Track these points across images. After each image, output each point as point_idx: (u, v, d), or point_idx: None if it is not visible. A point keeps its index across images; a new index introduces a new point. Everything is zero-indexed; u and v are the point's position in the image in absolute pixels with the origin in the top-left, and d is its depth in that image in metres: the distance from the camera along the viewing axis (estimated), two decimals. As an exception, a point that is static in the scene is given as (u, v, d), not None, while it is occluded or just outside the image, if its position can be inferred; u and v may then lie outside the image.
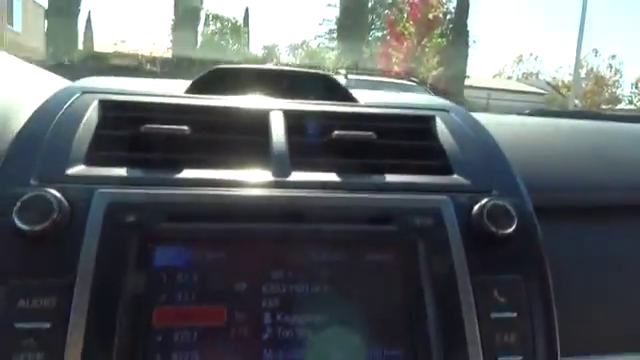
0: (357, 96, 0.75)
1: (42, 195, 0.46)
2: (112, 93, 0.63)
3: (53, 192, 0.47)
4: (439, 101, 0.76)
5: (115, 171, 0.53)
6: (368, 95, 0.75)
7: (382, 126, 0.64)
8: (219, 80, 0.75)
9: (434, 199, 0.55)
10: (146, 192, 0.50)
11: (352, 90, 0.76)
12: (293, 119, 0.63)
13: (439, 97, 0.94)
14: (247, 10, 29.92)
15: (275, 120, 0.62)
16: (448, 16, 23.52)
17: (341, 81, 0.88)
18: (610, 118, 1.25)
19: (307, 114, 0.65)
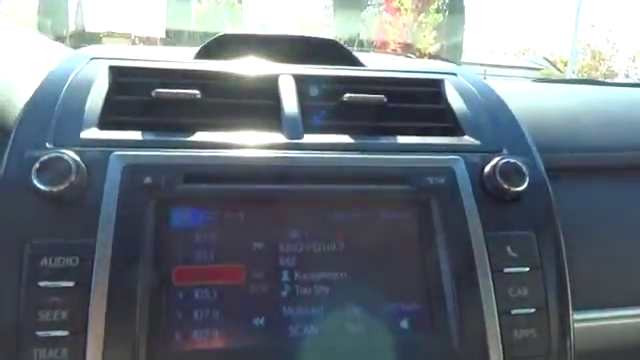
0: (365, 61, 0.74)
1: (60, 156, 0.46)
2: (121, 59, 0.63)
3: (70, 154, 0.47)
4: (448, 65, 0.76)
5: (129, 134, 0.53)
6: (376, 60, 0.75)
7: (392, 90, 0.64)
8: (225, 47, 0.75)
9: (446, 159, 0.55)
10: (162, 154, 0.51)
11: (358, 55, 0.76)
12: (303, 83, 0.63)
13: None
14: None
15: (285, 84, 0.62)
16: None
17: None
18: (612, 85, 1.25)
19: (317, 78, 0.65)
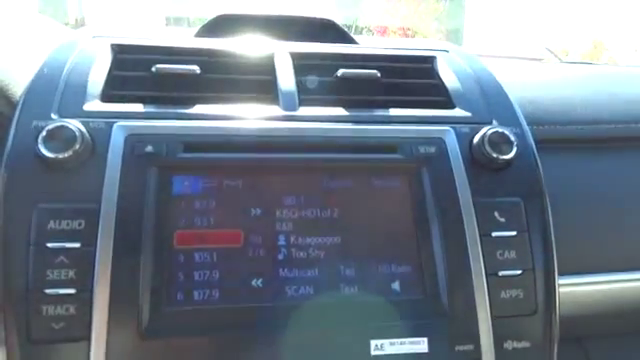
0: (360, 41, 0.76)
1: (65, 125, 0.48)
2: (122, 37, 0.65)
3: (75, 123, 0.49)
4: (440, 43, 0.78)
5: (131, 107, 0.55)
6: (369, 39, 0.77)
7: (385, 66, 0.66)
8: (224, 27, 0.77)
9: (437, 129, 0.57)
10: (163, 125, 0.53)
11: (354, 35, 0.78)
12: (299, 59, 0.65)
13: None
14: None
15: (281, 60, 0.64)
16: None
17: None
18: (604, 65, 1.26)
19: (312, 55, 0.67)
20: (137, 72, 0.60)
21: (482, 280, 0.51)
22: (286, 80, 0.61)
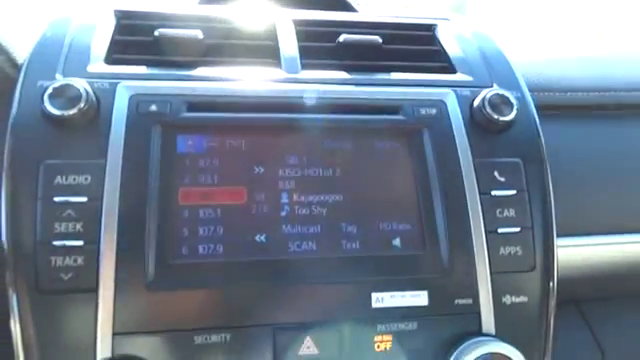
0: (360, 9, 0.76)
1: (70, 84, 0.49)
2: (124, 4, 0.65)
3: (80, 81, 0.50)
4: (441, 12, 0.78)
5: (134, 69, 0.55)
6: (370, 8, 0.77)
7: (387, 33, 0.66)
8: None
9: (438, 92, 0.58)
10: (166, 85, 0.53)
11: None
12: (301, 26, 0.65)
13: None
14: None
15: (284, 26, 0.64)
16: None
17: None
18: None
19: (314, 21, 0.67)
20: (140, 37, 0.60)
21: (481, 237, 0.52)
22: (288, 45, 0.61)
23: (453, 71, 0.63)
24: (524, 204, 0.54)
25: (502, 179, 0.54)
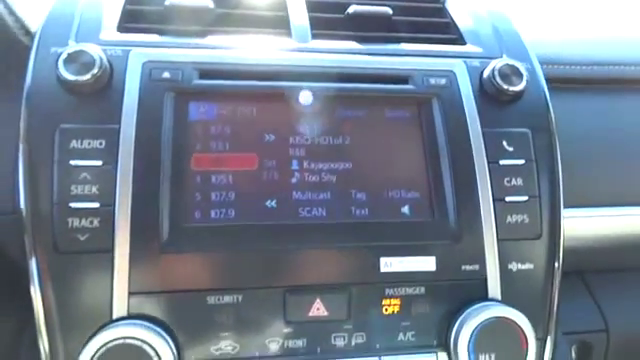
0: None
1: (84, 50, 0.49)
2: None
3: (94, 47, 0.50)
4: None
5: (146, 37, 0.56)
6: None
7: (397, 4, 0.66)
8: None
9: (448, 62, 0.58)
10: (178, 52, 0.54)
11: None
12: None
13: None
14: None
15: None
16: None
17: None
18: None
19: None
20: (151, 7, 0.61)
21: (489, 204, 0.53)
22: (298, 15, 0.61)
23: (463, 42, 0.63)
24: (532, 173, 0.55)
25: (510, 149, 0.55)
